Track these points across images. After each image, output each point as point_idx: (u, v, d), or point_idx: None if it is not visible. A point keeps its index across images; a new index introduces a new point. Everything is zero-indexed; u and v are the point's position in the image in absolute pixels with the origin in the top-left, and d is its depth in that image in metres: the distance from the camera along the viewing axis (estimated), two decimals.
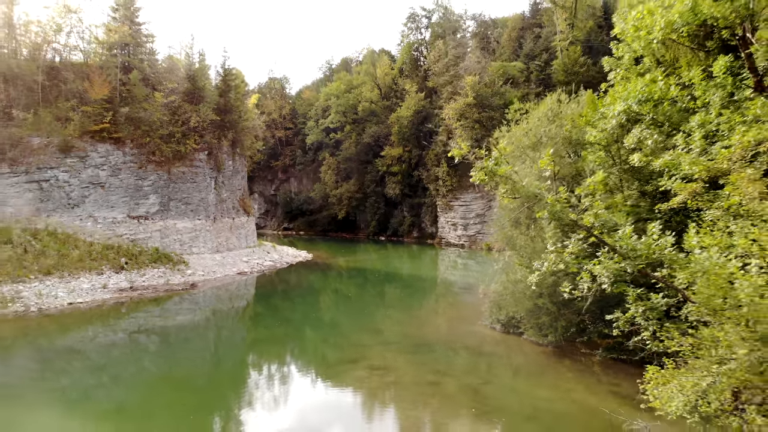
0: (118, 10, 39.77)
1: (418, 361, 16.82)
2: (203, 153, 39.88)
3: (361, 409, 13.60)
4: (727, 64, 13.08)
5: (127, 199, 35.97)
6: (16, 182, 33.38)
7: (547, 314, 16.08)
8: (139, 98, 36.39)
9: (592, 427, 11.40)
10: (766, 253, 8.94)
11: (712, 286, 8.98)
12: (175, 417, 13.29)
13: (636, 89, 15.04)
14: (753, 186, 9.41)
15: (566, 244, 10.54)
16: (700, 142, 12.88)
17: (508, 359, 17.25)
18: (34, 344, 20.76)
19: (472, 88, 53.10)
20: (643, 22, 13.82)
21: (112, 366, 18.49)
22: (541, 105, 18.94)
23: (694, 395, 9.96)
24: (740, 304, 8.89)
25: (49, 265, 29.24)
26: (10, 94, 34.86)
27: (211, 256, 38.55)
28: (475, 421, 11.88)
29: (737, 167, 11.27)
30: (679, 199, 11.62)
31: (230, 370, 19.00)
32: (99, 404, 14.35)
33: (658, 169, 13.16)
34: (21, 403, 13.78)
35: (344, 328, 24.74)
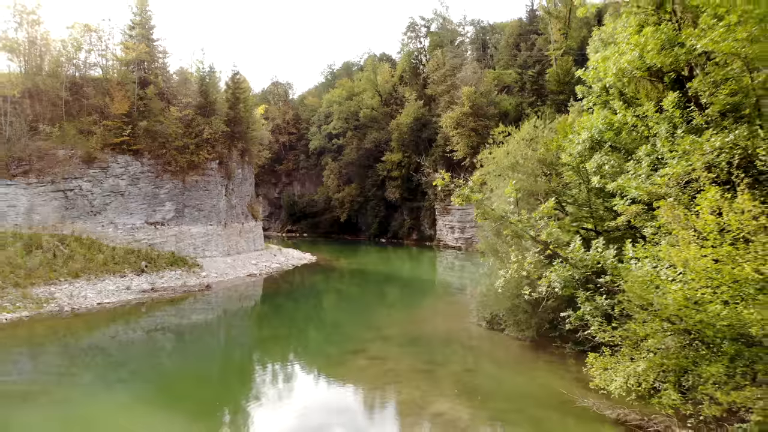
0: (135, 28, 42.44)
1: (413, 353, 19.45)
2: (215, 162, 42.57)
3: (362, 392, 16.18)
4: (675, 99, 15.59)
5: (145, 206, 38.64)
6: (43, 191, 36.06)
7: (523, 312, 18.66)
8: (155, 112, 39.05)
9: (550, 404, 13.98)
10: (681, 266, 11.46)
11: (639, 289, 11.55)
12: (188, 409, 15.21)
13: (598, 120, 17.68)
14: (670, 211, 11.94)
15: (526, 256, 13.13)
16: (646, 168, 15.45)
17: (491, 351, 19.87)
18: (62, 342, 23.13)
19: (468, 97, 55.66)
20: (601, 66, 16.42)
21: (132, 362, 20.64)
22: (522, 129, 21.53)
23: (628, 378, 12.53)
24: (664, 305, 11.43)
25: (77, 269, 31.92)
26: (36, 109, 37.53)
27: (222, 259, 41.22)
28: (457, 399, 14.48)
29: (672, 192, 13.86)
30: (623, 219, 14.19)
31: (241, 362, 21.66)
32: (118, 397, 16.00)
33: (612, 190, 15.72)
34: (48, 397, 15.73)
35: (347, 325, 27.36)
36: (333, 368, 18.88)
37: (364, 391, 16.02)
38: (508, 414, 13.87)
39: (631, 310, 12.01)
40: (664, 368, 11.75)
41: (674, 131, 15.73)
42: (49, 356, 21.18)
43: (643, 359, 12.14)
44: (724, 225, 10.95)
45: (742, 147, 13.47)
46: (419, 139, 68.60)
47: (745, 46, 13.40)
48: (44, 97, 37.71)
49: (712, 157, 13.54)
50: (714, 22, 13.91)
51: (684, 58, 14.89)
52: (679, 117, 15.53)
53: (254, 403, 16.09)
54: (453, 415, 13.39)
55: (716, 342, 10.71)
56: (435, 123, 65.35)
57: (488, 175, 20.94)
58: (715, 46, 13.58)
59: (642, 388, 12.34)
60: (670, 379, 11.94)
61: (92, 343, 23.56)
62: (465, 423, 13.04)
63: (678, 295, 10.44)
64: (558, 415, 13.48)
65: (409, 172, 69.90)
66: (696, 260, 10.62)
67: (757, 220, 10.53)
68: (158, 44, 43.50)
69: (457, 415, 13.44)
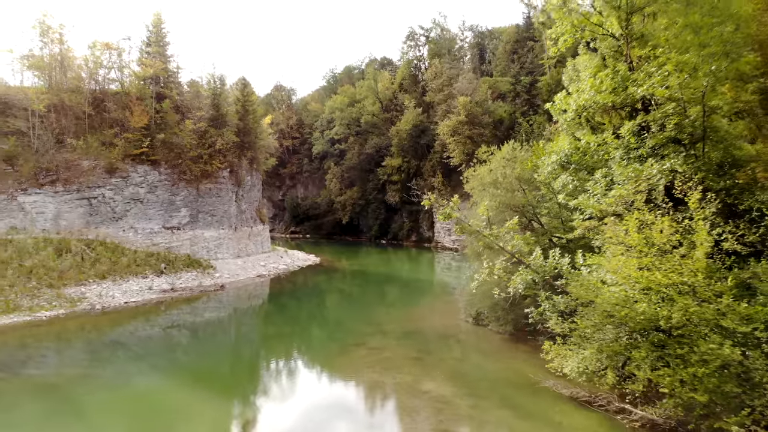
0: (151, 45, 45.47)
1: (407, 344, 22.47)
2: (226, 171, 45.63)
3: (362, 375, 19.17)
4: (631, 128, 18.51)
5: (162, 212, 41.71)
6: (69, 199, 39.14)
7: (501, 310, 21.65)
8: (171, 124, 42.11)
9: (518, 384, 17.00)
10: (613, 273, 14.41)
11: (581, 290, 14.54)
12: (201, 400, 17.44)
13: (565, 145, 20.66)
14: (612, 228, 14.91)
15: (496, 262, 16.13)
16: (602, 189, 18.41)
17: (475, 343, 22.89)
18: (88, 338, 25.73)
19: (464, 107, 58.63)
20: (564, 103, 19.40)
21: (150, 356, 23.06)
22: (503, 149, 24.51)
23: (579, 362, 15.50)
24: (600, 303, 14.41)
25: (103, 271, 35.00)
26: (62, 123, 40.62)
27: (233, 261, 44.28)
28: (442, 381, 17.50)
29: (620, 210, 16.84)
30: (578, 232, 17.16)
31: (251, 352, 24.76)
32: (136, 388, 18.19)
33: (573, 206, 18.69)
34: (71, 389, 17.96)
35: (349, 321, 30.41)
36: (336, 356, 21.93)
37: (363, 375, 19.02)
38: (483, 392, 16.90)
39: (576, 307, 15.00)
40: (604, 354, 14.71)
41: (628, 156, 18.68)
42: (74, 350, 23.73)
43: (589, 347, 15.13)
44: (649, 241, 13.95)
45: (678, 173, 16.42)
46: (418, 145, 71.60)
47: (677, 91, 16.45)
48: (69, 111, 40.78)
49: (653, 181, 16.50)
50: (654, 69, 16.95)
51: (632, 99, 17.88)
52: (634, 143, 18.44)
53: (265, 384, 19.15)
54: (438, 393, 16.43)
55: (640, 332, 13.69)
56: (433, 130, 68.34)
57: (473, 189, 23.93)
58: (653, 90, 16.62)
59: (589, 370, 15.33)
60: (609, 363, 14.92)
61: (114, 338, 26.09)
62: (447, 398, 16.06)
63: (607, 295, 13.42)
64: (523, 393, 16.50)
65: (408, 177, 72.93)
66: (623, 268, 13.61)
67: (673, 237, 13.54)
68: (172, 59, 46.55)
69: (441, 392, 16.47)
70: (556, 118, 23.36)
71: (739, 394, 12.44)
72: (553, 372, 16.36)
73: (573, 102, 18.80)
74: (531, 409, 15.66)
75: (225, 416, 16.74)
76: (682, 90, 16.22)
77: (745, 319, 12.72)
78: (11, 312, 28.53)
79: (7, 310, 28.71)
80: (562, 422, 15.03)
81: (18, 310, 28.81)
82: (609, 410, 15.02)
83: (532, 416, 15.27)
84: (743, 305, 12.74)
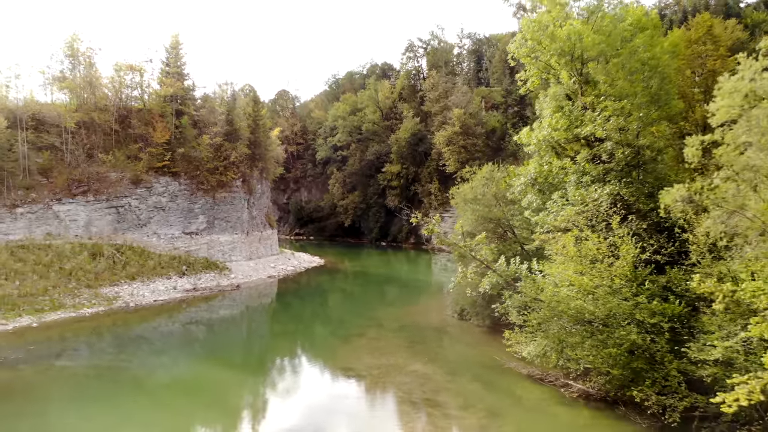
0: (170, 65, 49.70)
1: (401, 336, 26.70)
2: (239, 180, 49.92)
3: (360, 358, 23.31)
4: (586, 156, 22.57)
5: (182, 219, 46.01)
6: (99, 208, 43.43)
7: (480, 306, 25.82)
8: (189, 139, 46.38)
9: (488, 366, 21.20)
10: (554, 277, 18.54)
11: (529, 290, 18.70)
12: (216, 389, 20.68)
13: (532, 169, 24.80)
14: (557, 241, 19.06)
15: (468, 268, 20.33)
16: (558, 208, 22.53)
17: (458, 334, 27.12)
18: (117, 332, 29.37)
19: (458, 118, 62.78)
20: (527, 137, 23.55)
21: (170, 349, 26.74)
22: (483, 169, 28.68)
23: (534, 348, 19.64)
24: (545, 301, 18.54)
25: (133, 272, 39.29)
26: (92, 138, 44.92)
27: (246, 263, 48.57)
28: (427, 363, 21.72)
29: (570, 226, 20.97)
30: (536, 243, 21.33)
31: (264, 345, 28.97)
32: (159, 379, 21.44)
33: (535, 221, 22.83)
34: (99, 381, 21.21)
35: (350, 317, 34.64)
36: (340, 345, 26.23)
37: (362, 358, 23.22)
38: (459, 371, 21.13)
39: (529, 303, 19.19)
40: (549, 340, 18.87)
41: (581, 180, 22.79)
42: (103, 344, 27.24)
43: (540, 335, 19.29)
44: (582, 252, 18.10)
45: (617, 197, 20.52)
46: (416, 153, 75.81)
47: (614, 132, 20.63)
48: (98, 128, 45.07)
49: (598, 203, 20.64)
50: (597, 114, 21.13)
51: (580, 136, 22.05)
52: (589, 168, 22.53)
53: (278, 368, 23.39)
54: (422, 371, 20.67)
55: (573, 323, 17.85)
56: (430, 138, 72.51)
57: (458, 204, 28.12)
58: (594, 130, 20.79)
59: (540, 354, 19.49)
60: (553, 347, 19.07)
61: (138, 333, 29.83)
62: (429, 375, 20.30)
63: (549, 294, 17.60)
64: (491, 372, 20.73)
65: (407, 182, 77.15)
66: (562, 273, 17.79)
67: (599, 250, 17.70)
68: (188, 77, 50.78)
69: (425, 371, 20.72)
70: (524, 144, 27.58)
71: (646, 369, 16.59)
72: (515, 356, 20.55)
73: (534, 137, 22.95)
74: (496, 384, 19.89)
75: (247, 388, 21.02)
76: (618, 131, 20.40)
77: (656, 314, 16.82)
78: (57, 309, 32.85)
79: (54, 307, 33.03)
80: (521, 395, 19.27)
81: (63, 308, 33.12)
82: (556, 385, 19.22)
83: (496, 389, 19.49)
84: (654, 303, 16.91)
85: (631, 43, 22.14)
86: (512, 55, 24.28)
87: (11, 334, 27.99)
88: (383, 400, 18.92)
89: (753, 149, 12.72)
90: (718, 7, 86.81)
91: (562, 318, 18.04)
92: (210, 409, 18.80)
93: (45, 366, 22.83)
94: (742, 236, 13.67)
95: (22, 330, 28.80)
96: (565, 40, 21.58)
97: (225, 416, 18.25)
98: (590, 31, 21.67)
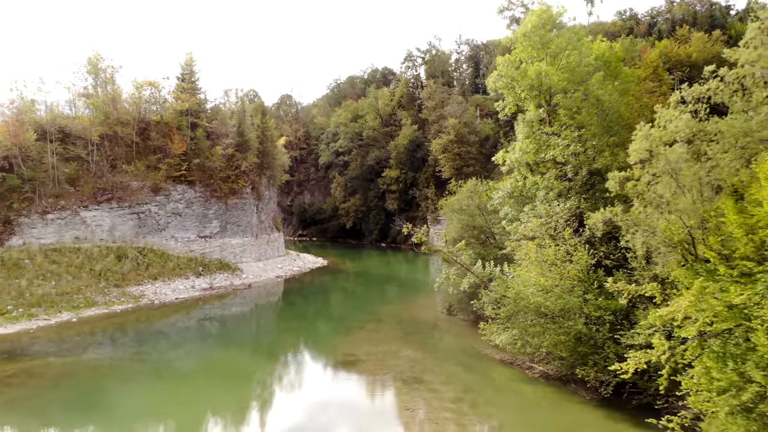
0: (184, 81, 53.74)
1: (396, 328, 30.76)
2: (249, 188, 53.99)
3: (360, 345, 27.35)
4: (554, 173, 26.55)
5: (197, 223, 50.08)
6: (122, 214, 47.50)
7: (465, 303, 29.81)
8: (204, 150, 50.44)
9: (468, 353, 25.22)
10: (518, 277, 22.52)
11: (498, 288, 22.70)
12: (228, 380, 23.94)
13: (508, 185, 28.79)
14: (524, 248, 23.02)
15: (451, 270, 24.35)
16: (527, 219, 26.51)
17: (445, 327, 31.17)
18: (139, 328, 32.98)
19: (453, 128, 66.76)
20: (501, 158, 27.54)
21: (186, 343, 30.50)
22: (468, 183, 32.71)
23: (505, 337, 23.63)
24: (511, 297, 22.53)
25: (155, 273, 43.37)
26: (115, 150, 48.99)
27: (256, 264, 52.64)
28: (416, 350, 25.78)
29: (535, 235, 24.95)
30: (509, 249, 25.32)
31: (273, 336, 32.97)
32: (177, 371, 25.09)
33: (509, 230, 26.81)
34: (121, 371, 24.60)
35: (352, 312, 38.68)
36: (342, 335, 30.34)
37: (362, 346, 27.26)
38: (443, 356, 25.21)
39: (500, 300, 23.22)
40: (515, 330, 22.86)
41: (547, 195, 26.75)
42: (125, 339, 30.68)
43: (510, 327, 23.29)
44: (542, 257, 22.09)
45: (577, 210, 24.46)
46: (414, 158, 79.84)
47: (572, 157, 24.57)
48: (120, 141, 49.13)
49: (559, 215, 24.60)
50: (558, 140, 25.11)
51: (546, 159, 26.03)
52: (556, 183, 26.49)
53: (287, 355, 27.45)
54: (413, 357, 24.72)
55: (534, 316, 21.84)
56: (427, 145, 76.50)
57: (446, 214, 32.17)
58: (555, 155, 24.75)
59: (511, 342, 23.49)
60: (521, 337, 23.05)
61: (158, 329, 33.38)
62: (418, 359, 24.36)
63: (514, 292, 21.61)
64: (471, 358, 24.77)
65: (406, 187, 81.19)
66: (525, 275, 21.79)
67: (556, 256, 21.68)
68: (201, 91, 54.84)
69: (415, 356, 24.77)
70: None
71: (590, 353, 20.57)
72: (490, 344, 24.57)
73: (508, 158, 26.96)
74: (474, 366, 23.93)
75: (263, 370, 25.11)
76: (575, 156, 24.40)
77: (600, 308, 20.77)
78: (91, 306, 36.96)
79: (88, 304, 37.13)
80: (493, 375, 23.30)
81: (96, 305, 37.22)
82: (522, 367, 23.24)
83: (473, 371, 23.52)
84: (600, 299, 20.88)
85: (591, 79, 26.07)
86: (491, 87, 28.30)
87: (55, 328, 32.10)
88: (379, 378, 22.91)
89: (661, 184, 16.66)
90: (703, 18, 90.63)
91: (526, 312, 22.04)
92: (235, 388, 22.85)
93: (96, 353, 27.01)
94: (655, 249, 17.63)
95: (63, 324, 32.87)
96: (534, 78, 25.56)
97: (251, 389, 22.42)
98: (555, 69, 25.63)
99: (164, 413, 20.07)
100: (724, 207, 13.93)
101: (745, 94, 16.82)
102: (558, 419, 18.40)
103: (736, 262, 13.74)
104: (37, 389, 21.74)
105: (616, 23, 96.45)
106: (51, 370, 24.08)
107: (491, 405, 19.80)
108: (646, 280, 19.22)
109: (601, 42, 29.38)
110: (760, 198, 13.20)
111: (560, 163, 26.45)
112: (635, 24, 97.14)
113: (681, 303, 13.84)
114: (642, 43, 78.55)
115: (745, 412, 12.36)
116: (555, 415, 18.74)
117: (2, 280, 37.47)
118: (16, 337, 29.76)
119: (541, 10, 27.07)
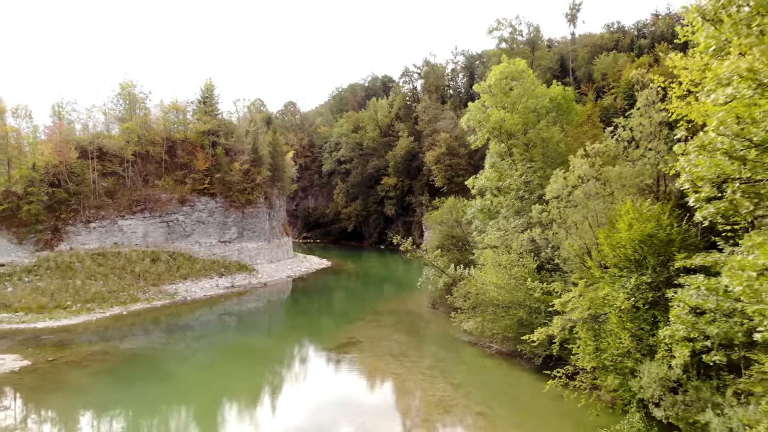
0: (206, 104, 60.99)
1: (390, 318, 37.96)
2: (262, 198, 61.25)
3: (360, 331, 34.49)
4: (513, 195, 33.69)
5: (218, 230, 57.32)
6: (153, 222, 54.76)
7: (444, 298, 36.92)
8: (223, 165, 57.69)
9: (445, 336, 32.41)
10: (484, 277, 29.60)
11: (468, 286, 29.83)
12: (245, 369, 31.33)
13: (478, 202, 35.94)
14: (485, 255, 30.09)
15: (430, 272, 31.50)
16: (492, 231, 33.64)
17: (429, 318, 38.38)
18: (168, 321, 39.83)
19: (445, 141, 73.87)
20: (471, 183, 34.65)
21: (209, 336, 37.45)
22: (449, 200, 39.85)
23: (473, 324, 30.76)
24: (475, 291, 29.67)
25: (184, 274, 50.61)
26: (147, 167, 56.25)
27: (268, 265, 59.89)
28: (404, 335, 32.98)
29: (497, 243, 32.12)
30: (476, 254, 32.43)
31: (285, 324, 40.23)
32: (200, 360, 31.78)
33: (477, 240, 33.93)
34: (149, 359, 31.38)
35: (354, 306, 45.86)
36: (344, 323, 37.60)
37: (361, 331, 34.41)
38: (426, 338, 32.41)
39: (465, 295, 30.39)
40: (478, 318, 29.99)
41: (508, 213, 33.81)
42: (156, 331, 39.01)
43: (474, 315, 30.44)
44: (498, 262, 29.23)
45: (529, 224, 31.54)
46: (410, 167, 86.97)
47: (523, 184, 31.69)
48: (151, 158, 56.40)
49: (515, 230, 31.74)
50: (513, 171, 32.21)
51: (505, 185, 33.16)
52: (516, 202, 33.56)
53: (299, 336, 34.71)
54: (400, 339, 31.95)
55: (491, 307, 28.98)
56: (422, 156, 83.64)
57: (430, 225, 39.33)
58: (511, 183, 31.89)
59: (476, 327, 30.65)
60: (482, 323, 30.19)
61: (184, 323, 41.31)
62: (404, 341, 31.56)
63: (475, 288, 28.75)
64: (446, 340, 31.96)
65: (403, 193, 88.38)
66: (485, 275, 28.94)
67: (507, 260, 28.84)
68: (220, 113, 62.03)
69: (402, 339, 31.99)
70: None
71: (528, 334, 27.70)
72: (460, 329, 31.73)
73: (476, 184, 34.12)
74: (447, 346, 31.13)
75: (280, 349, 32.38)
76: (524, 184, 31.51)
77: (539, 301, 27.88)
78: (135, 302, 44.22)
79: (132, 300, 44.40)
80: (461, 352, 30.45)
81: (139, 301, 44.49)
82: (483, 346, 30.40)
83: (446, 349, 30.71)
84: (537, 294, 28.02)
85: (542, 121, 33.09)
86: (464, 125, 35.45)
87: (110, 320, 39.32)
88: (373, 353, 30.09)
89: (569, 214, 23.77)
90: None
91: (486, 304, 29.21)
92: (259, 364, 30.08)
93: (151, 340, 34.34)
94: (570, 260, 24.76)
95: (116, 317, 40.10)
96: (496, 122, 32.69)
97: (272, 364, 29.68)
98: (512, 115, 32.74)
99: (218, 385, 27.38)
100: (599, 234, 21.07)
101: (630, 150, 23.92)
102: (502, 380, 25.58)
103: (610, 270, 20.89)
104: (114, 364, 29.03)
105: (604, 36, 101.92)
106: (120, 351, 31.33)
107: (456, 371, 26.95)
108: (571, 281, 26.31)
109: (557, 86, 36.48)
110: (619, 227, 20.35)
111: (516, 188, 33.50)
112: (622, 36, 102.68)
113: (570, 295, 21.00)
114: (624, 58, 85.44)
115: (605, 369, 19.54)
116: (501, 378, 25.91)
117: (59, 280, 44.85)
118: (83, 327, 37.01)
119: (504, 65, 34.18)
